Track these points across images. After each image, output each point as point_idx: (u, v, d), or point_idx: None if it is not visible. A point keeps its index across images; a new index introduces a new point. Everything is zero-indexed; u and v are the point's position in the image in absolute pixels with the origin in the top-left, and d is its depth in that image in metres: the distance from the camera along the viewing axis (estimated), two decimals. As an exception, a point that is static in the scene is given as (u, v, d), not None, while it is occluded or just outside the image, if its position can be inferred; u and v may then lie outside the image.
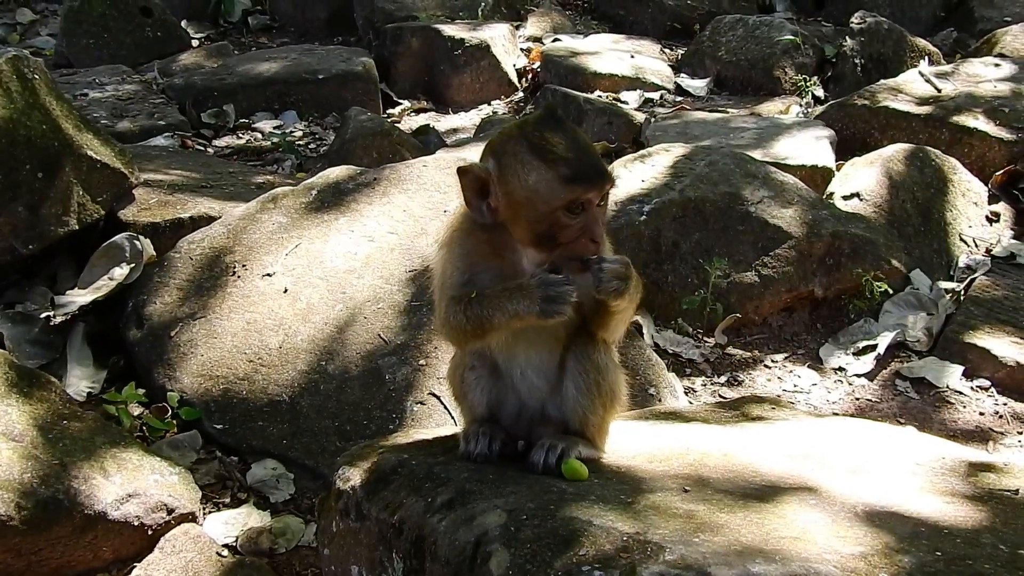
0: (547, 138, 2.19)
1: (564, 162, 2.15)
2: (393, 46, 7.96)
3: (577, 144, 2.19)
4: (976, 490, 2.42)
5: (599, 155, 2.23)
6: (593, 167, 2.18)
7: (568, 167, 2.15)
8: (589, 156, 2.19)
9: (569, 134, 2.21)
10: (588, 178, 2.17)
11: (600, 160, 2.21)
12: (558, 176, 2.16)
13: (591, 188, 2.17)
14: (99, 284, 4.16)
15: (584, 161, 2.17)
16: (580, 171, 2.16)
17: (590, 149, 2.22)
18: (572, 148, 2.18)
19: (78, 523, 2.94)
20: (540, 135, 2.20)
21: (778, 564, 1.85)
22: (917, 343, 4.50)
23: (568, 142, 2.19)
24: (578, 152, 2.18)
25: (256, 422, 3.60)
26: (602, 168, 2.20)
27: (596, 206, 2.20)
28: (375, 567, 2.26)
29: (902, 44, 7.58)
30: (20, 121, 4.14)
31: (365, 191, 4.45)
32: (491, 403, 2.42)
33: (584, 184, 2.16)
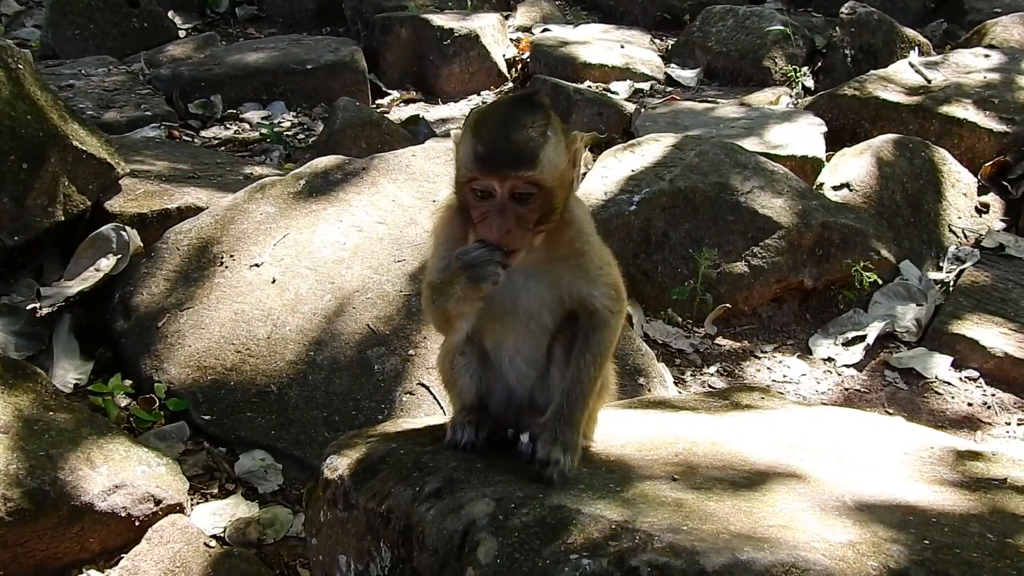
0: (490, 114, 2.15)
1: (479, 140, 2.09)
2: (382, 36, 7.92)
3: (505, 128, 2.10)
4: (964, 479, 2.42)
5: (523, 147, 2.08)
6: (495, 155, 2.08)
7: (479, 146, 2.09)
8: (503, 143, 2.08)
9: (513, 117, 2.12)
10: (484, 163, 2.08)
11: (515, 152, 2.07)
12: (469, 152, 2.12)
13: (484, 174, 2.08)
14: (86, 275, 4.13)
15: (493, 146, 2.08)
16: (483, 154, 2.09)
17: (513, 137, 2.08)
18: (496, 130, 2.10)
19: (65, 514, 2.92)
20: (491, 110, 2.17)
21: (767, 552, 1.84)
22: (906, 334, 4.51)
23: (500, 124, 2.11)
24: (497, 136, 2.09)
25: (244, 413, 3.59)
26: (503, 159, 2.07)
27: (509, 198, 2.09)
28: (363, 557, 2.24)
29: (892, 35, 7.58)
30: (5, 111, 4.10)
31: (354, 181, 4.43)
32: (480, 390, 2.40)
33: (479, 167, 2.09)
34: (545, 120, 2.13)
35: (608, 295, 2.31)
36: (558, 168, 2.13)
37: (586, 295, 2.29)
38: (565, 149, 2.17)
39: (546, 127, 2.12)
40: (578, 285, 2.28)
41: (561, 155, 2.15)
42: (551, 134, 2.13)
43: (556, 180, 2.13)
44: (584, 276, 2.29)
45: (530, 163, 2.07)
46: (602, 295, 2.30)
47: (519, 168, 2.06)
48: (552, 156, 2.11)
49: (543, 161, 2.08)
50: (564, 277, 2.27)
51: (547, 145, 2.10)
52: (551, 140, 2.11)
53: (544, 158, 2.08)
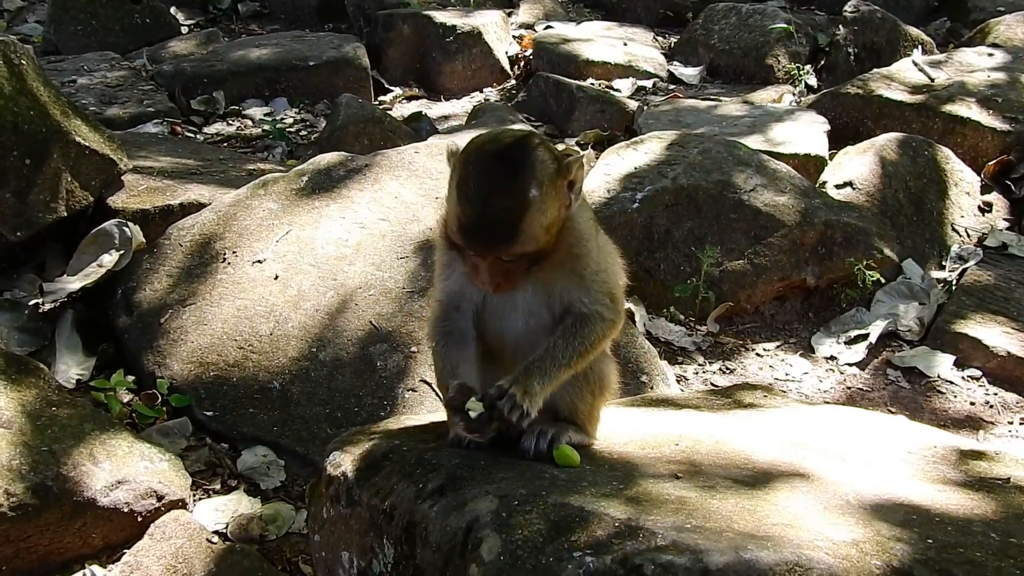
0: (480, 174, 2.09)
1: (463, 211, 2.08)
2: (384, 33, 7.91)
3: (487, 201, 2.06)
4: (967, 478, 2.42)
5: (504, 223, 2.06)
6: (477, 232, 2.09)
7: (463, 217, 2.08)
8: (485, 222, 2.07)
9: (497, 185, 2.07)
10: (467, 237, 2.10)
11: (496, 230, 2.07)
12: (452, 216, 2.12)
13: (468, 247, 2.12)
14: (88, 271, 4.13)
15: (476, 223, 2.07)
16: (465, 227, 2.09)
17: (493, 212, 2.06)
18: (480, 203, 2.06)
19: (67, 510, 2.92)
20: (480, 166, 2.10)
21: (770, 550, 1.84)
22: (909, 332, 4.51)
23: (484, 195, 2.06)
24: (481, 211, 2.06)
25: (247, 409, 3.59)
26: (485, 237, 2.09)
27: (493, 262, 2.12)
28: (366, 553, 2.24)
29: (895, 33, 7.57)
30: (7, 107, 4.09)
31: (356, 178, 4.43)
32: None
33: (462, 239, 2.11)
34: (530, 177, 2.08)
35: (601, 302, 2.29)
36: (544, 224, 2.12)
37: (575, 300, 2.28)
38: (556, 193, 2.14)
39: (531, 185, 2.07)
40: (570, 290, 2.28)
41: (549, 207, 2.12)
42: (535, 193, 2.08)
43: (543, 236, 2.13)
44: (578, 281, 2.28)
45: (511, 239, 2.08)
46: (593, 301, 2.28)
47: (500, 245, 2.09)
48: (537, 219, 2.09)
49: (525, 232, 2.07)
50: (558, 281, 2.27)
51: (529, 212, 2.07)
52: (534, 203, 2.07)
53: (527, 227, 2.07)
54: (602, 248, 2.38)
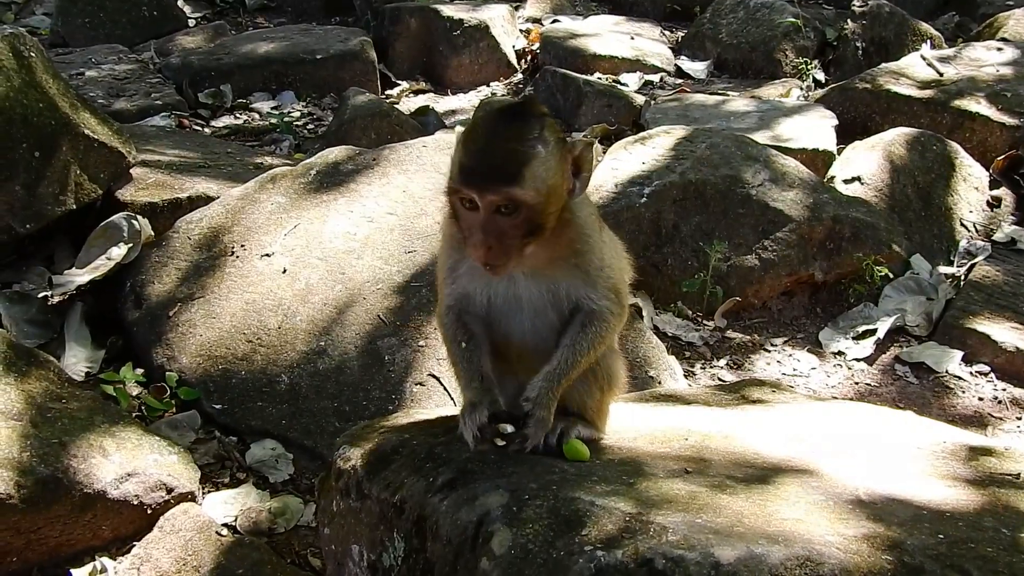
0: (479, 125, 2.13)
1: (465, 151, 2.08)
2: (391, 26, 7.91)
3: (490, 142, 2.07)
4: (977, 474, 2.41)
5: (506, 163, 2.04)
6: (477, 169, 2.06)
7: (464, 157, 2.08)
8: (486, 157, 2.05)
9: (500, 130, 2.09)
10: (467, 176, 2.06)
11: (497, 167, 2.05)
12: (455, 161, 2.11)
13: (466, 186, 2.06)
14: (97, 264, 4.14)
15: (476, 159, 2.06)
16: (466, 166, 2.07)
17: (497, 152, 2.05)
18: (482, 143, 2.08)
19: (77, 502, 2.93)
20: (482, 120, 2.15)
21: (781, 546, 1.85)
22: (917, 328, 4.50)
23: (486, 137, 2.08)
24: (481, 149, 2.07)
25: (255, 402, 3.60)
26: (485, 174, 2.05)
27: (493, 212, 2.07)
28: (376, 546, 2.25)
29: (904, 28, 7.55)
30: (17, 100, 4.10)
31: (364, 172, 4.43)
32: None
33: (462, 179, 2.07)
34: (536, 132, 2.08)
35: (607, 297, 2.29)
36: (547, 183, 2.08)
37: (583, 296, 2.27)
38: (560, 160, 2.12)
39: (536, 140, 2.07)
40: (576, 286, 2.27)
41: (552, 168, 2.09)
42: (541, 148, 2.07)
43: (544, 195, 2.08)
44: (583, 277, 2.27)
45: (512, 180, 2.03)
46: (600, 296, 2.28)
47: (500, 184, 2.03)
48: (540, 171, 2.06)
49: (527, 178, 2.04)
50: (563, 278, 2.26)
51: (534, 160, 2.05)
52: (539, 154, 2.06)
53: (529, 174, 2.04)
54: (606, 243, 2.37)
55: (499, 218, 2.06)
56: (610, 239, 2.44)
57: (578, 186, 2.20)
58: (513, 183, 2.03)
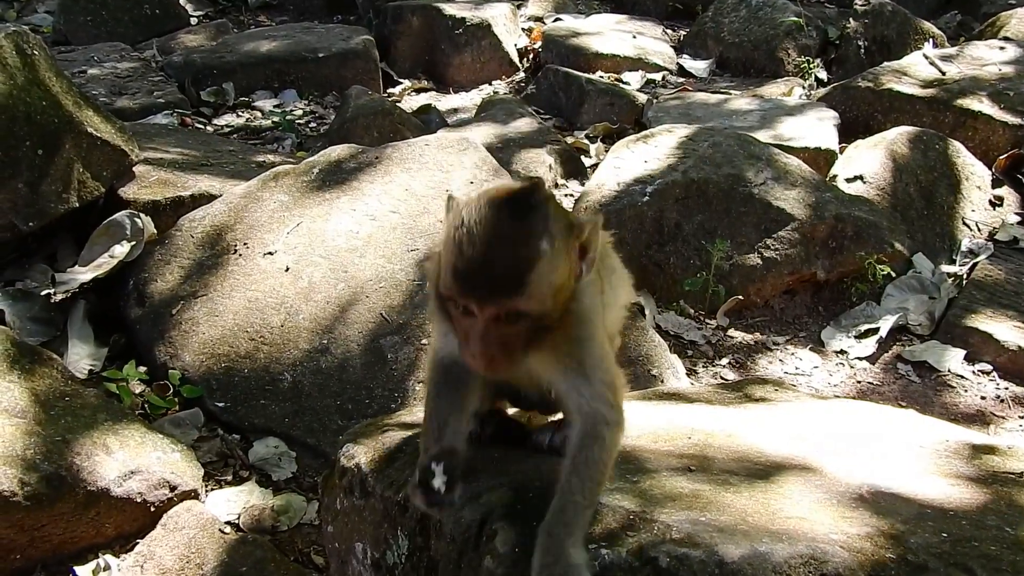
0: (479, 223, 1.83)
1: (462, 256, 1.82)
2: (393, 25, 7.91)
3: (491, 246, 1.81)
4: (980, 472, 2.41)
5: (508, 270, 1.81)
6: (474, 277, 1.81)
7: (458, 260, 1.82)
8: (485, 264, 1.81)
9: (503, 230, 1.82)
10: (462, 284, 1.83)
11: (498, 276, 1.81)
12: (448, 262, 1.85)
13: (462, 295, 1.83)
14: (100, 262, 4.14)
15: (473, 265, 1.81)
16: (461, 272, 1.82)
17: (497, 257, 1.81)
18: (483, 247, 1.81)
19: (81, 499, 2.93)
20: (487, 209, 1.84)
21: (785, 544, 1.85)
22: (919, 327, 4.50)
23: (488, 239, 1.81)
24: (483, 255, 1.80)
25: (258, 400, 3.60)
26: (484, 283, 1.81)
27: (491, 322, 1.83)
28: (380, 544, 2.25)
29: (906, 26, 7.55)
30: (20, 97, 4.10)
31: (367, 170, 4.43)
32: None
33: (457, 286, 1.83)
34: (541, 227, 1.84)
35: (604, 397, 2.01)
36: (554, 284, 1.86)
37: (575, 394, 2.01)
38: (567, 252, 1.89)
39: (541, 237, 1.83)
40: (570, 379, 2.02)
41: (559, 266, 1.87)
42: (546, 246, 1.83)
43: (551, 298, 1.86)
44: (578, 370, 2.01)
45: (515, 290, 1.81)
46: (595, 397, 2.00)
47: (502, 296, 1.81)
48: (546, 273, 1.83)
49: (532, 285, 1.81)
50: (554, 368, 2.01)
51: (539, 264, 1.82)
52: (545, 255, 1.83)
53: (534, 281, 1.81)
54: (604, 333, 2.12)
55: (500, 326, 1.85)
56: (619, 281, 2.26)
57: (584, 269, 1.97)
58: (517, 293, 1.81)
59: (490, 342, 1.85)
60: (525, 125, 5.90)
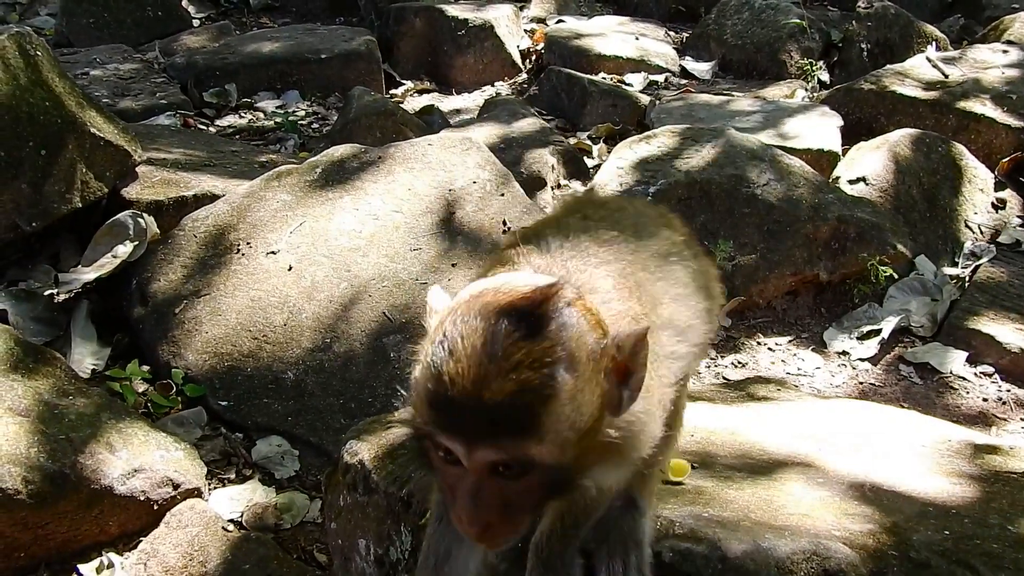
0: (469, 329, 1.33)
1: (441, 375, 1.33)
2: (396, 26, 7.93)
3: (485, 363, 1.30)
4: (983, 472, 2.42)
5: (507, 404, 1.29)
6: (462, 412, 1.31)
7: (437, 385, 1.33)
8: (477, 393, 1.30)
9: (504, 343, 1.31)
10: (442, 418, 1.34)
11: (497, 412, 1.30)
12: (423, 387, 1.38)
13: (441, 431, 1.36)
14: (103, 262, 4.15)
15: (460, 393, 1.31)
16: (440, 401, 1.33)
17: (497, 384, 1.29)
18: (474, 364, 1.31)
19: (84, 497, 2.94)
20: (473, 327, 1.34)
21: (788, 539, 1.85)
22: (921, 328, 4.50)
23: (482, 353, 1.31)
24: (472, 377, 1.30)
25: (261, 399, 3.61)
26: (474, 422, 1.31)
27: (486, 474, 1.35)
28: (383, 540, 2.26)
29: (909, 30, 7.55)
30: (23, 98, 4.11)
31: (369, 170, 4.44)
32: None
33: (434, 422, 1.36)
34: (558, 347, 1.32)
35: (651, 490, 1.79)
36: (577, 424, 1.34)
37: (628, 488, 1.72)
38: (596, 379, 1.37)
39: (557, 364, 1.32)
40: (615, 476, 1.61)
41: (587, 399, 1.35)
42: (565, 376, 1.32)
43: (574, 443, 1.35)
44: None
45: (517, 428, 1.30)
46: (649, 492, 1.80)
47: (498, 436, 1.31)
48: (567, 412, 1.32)
49: (543, 423, 1.31)
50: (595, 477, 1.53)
51: (556, 395, 1.31)
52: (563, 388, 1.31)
53: (548, 422, 1.31)
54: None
55: (498, 481, 1.34)
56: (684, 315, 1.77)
57: (626, 396, 1.42)
58: (522, 436, 1.31)
59: (484, 504, 1.34)
60: (528, 126, 5.91)
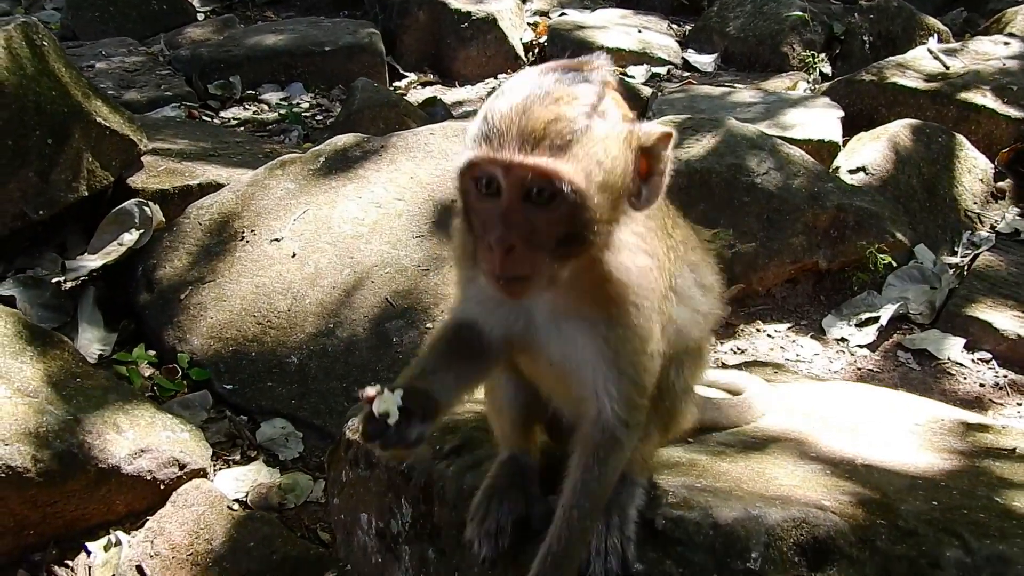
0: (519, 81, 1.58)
1: (492, 112, 1.54)
2: (399, 19, 7.96)
3: (531, 100, 1.52)
4: (973, 448, 2.46)
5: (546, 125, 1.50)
6: (505, 130, 1.50)
7: (489, 116, 1.53)
8: (524, 118, 1.50)
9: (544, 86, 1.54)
10: (489, 140, 1.51)
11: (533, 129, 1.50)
12: (476, 127, 1.56)
13: (487, 155, 1.51)
14: (109, 249, 4.20)
15: (509, 120, 1.51)
16: (489, 127, 1.52)
17: (535, 110, 1.51)
18: (521, 101, 1.52)
19: (92, 476, 2.99)
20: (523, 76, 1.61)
21: (778, 508, 1.89)
22: (919, 316, 4.53)
23: (529, 94, 1.53)
24: (519, 108, 1.51)
25: (265, 383, 3.66)
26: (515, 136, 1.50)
27: (520, 198, 1.52)
28: (384, 514, 2.30)
29: (911, 22, 7.57)
30: (30, 87, 4.16)
31: (372, 158, 4.48)
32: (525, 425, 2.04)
33: (482, 145, 1.52)
34: (594, 97, 1.56)
35: (625, 399, 1.72)
36: (603, 168, 1.53)
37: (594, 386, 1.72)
38: (623, 145, 1.57)
39: (593, 107, 1.54)
40: (595, 363, 1.70)
41: (612, 152, 1.54)
42: (597, 120, 1.53)
43: (598, 184, 1.52)
44: (611, 354, 1.69)
45: (553, 148, 1.48)
46: (616, 396, 1.72)
47: (535, 152, 1.48)
48: (595, 150, 1.52)
49: (576, 152, 1.50)
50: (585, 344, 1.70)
51: (588, 131, 1.52)
52: (596, 127, 1.53)
53: (579, 149, 1.50)
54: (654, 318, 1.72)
55: (528, 208, 1.52)
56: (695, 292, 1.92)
57: (645, 193, 1.63)
58: (555, 153, 1.48)
59: (513, 227, 1.50)
60: (530, 117, 5.94)
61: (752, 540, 1.83)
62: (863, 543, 1.87)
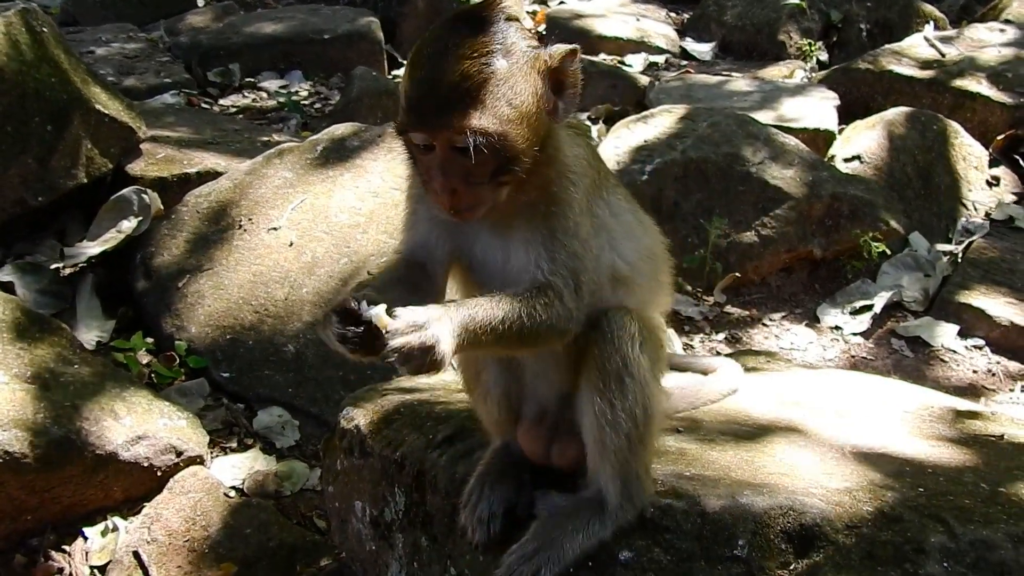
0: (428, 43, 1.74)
1: (412, 81, 1.72)
2: (399, 7, 7.96)
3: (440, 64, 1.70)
4: (961, 435, 2.48)
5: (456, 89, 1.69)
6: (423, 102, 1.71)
7: (410, 89, 1.72)
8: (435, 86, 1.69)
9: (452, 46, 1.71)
10: (414, 112, 1.72)
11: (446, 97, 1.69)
12: (402, 95, 1.75)
13: (416, 126, 1.74)
14: (107, 236, 4.22)
15: (425, 89, 1.70)
16: (412, 100, 1.71)
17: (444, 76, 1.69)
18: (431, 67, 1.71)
19: (89, 463, 3.02)
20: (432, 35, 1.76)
21: (765, 496, 1.92)
22: (913, 303, 4.56)
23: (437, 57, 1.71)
24: (431, 76, 1.70)
25: (262, 371, 3.68)
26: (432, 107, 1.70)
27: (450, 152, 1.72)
28: (378, 502, 2.33)
29: (908, 9, 7.57)
30: (29, 74, 4.17)
31: (370, 148, 4.49)
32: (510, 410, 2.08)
33: (409, 117, 1.74)
34: (494, 42, 1.72)
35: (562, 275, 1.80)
36: (513, 105, 1.72)
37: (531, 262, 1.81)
38: (530, 73, 1.76)
39: (494, 52, 1.71)
40: (531, 240, 1.82)
41: (519, 86, 1.73)
42: (500, 61, 1.71)
43: (511, 122, 1.72)
44: (545, 236, 1.81)
45: (466, 109, 1.68)
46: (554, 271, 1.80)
47: (452, 118, 1.68)
48: (502, 92, 1.71)
49: (485, 103, 1.69)
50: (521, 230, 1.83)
51: (491, 79, 1.70)
52: (499, 71, 1.71)
53: (487, 98, 1.69)
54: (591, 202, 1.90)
55: (459, 156, 1.72)
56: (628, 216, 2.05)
57: (562, 107, 1.81)
58: (467, 112, 1.68)
59: (452, 174, 1.72)
60: (527, 105, 5.94)
61: (739, 527, 1.86)
62: (849, 529, 1.90)
